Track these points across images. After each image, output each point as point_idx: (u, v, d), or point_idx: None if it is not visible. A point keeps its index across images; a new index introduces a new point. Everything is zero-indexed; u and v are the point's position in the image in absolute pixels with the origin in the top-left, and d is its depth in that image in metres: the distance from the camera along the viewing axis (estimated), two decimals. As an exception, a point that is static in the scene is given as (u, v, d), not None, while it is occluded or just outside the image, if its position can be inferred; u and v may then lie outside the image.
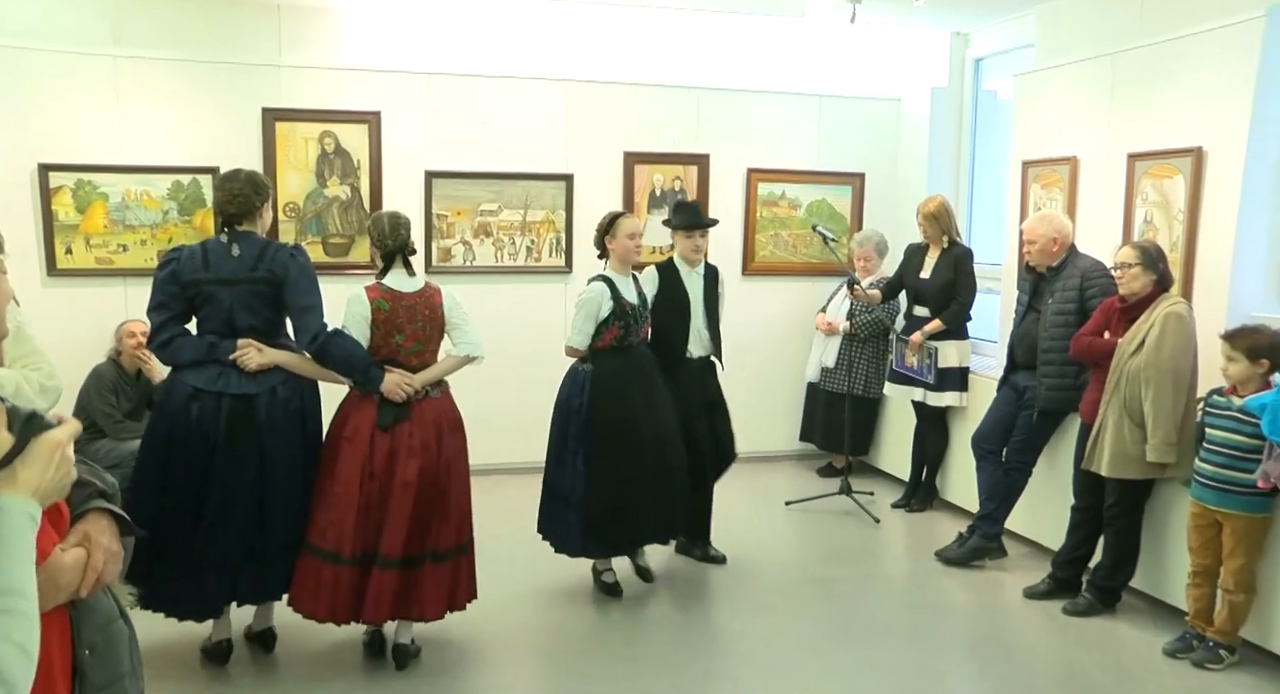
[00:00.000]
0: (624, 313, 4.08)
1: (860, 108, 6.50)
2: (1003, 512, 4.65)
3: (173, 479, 3.27)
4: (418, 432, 3.38)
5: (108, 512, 1.47)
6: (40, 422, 1.26)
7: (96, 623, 1.43)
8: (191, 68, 5.36)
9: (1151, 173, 4.39)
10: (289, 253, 3.39)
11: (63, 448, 1.25)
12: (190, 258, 3.31)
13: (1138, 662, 3.71)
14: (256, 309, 3.36)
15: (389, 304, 3.42)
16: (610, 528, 4.07)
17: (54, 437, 1.25)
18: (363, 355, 3.36)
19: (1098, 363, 4.04)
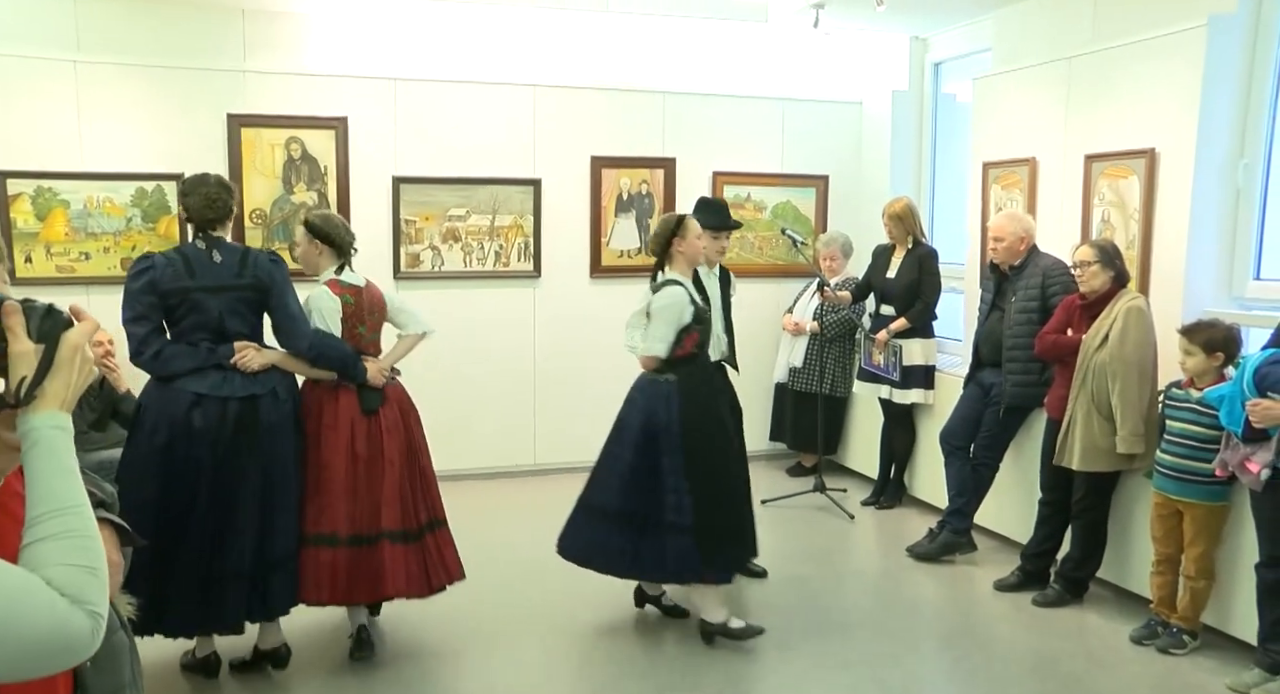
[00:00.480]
0: (703, 317, 3.86)
1: (823, 111, 6.59)
2: (972, 506, 4.75)
3: (175, 491, 3.22)
4: (389, 413, 3.60)
5: (108, 521, 1.47)
6: (59, 318, 1.15)
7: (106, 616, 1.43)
8: (155, 73, 5.28)
9: (1108, 173, 4.52)
10: (269, 259, 3.43)
11: (83, 349, 1.15)
12: (168, 265, 3.25)
13: (1106, 649, 3.81)
14: (244, 315, 3.38)
15: (354, 299, 3.61)
16: (731, 550, 3.85)
17: (73, 339, 1.14)
18: (351, 350, 3.54)
19: (1063, 360, 4.15)
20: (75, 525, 1.05)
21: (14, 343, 1.09)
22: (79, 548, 1.04)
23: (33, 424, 1.08)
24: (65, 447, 1.10)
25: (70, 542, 1.04)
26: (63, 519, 1.05)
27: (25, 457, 1.08)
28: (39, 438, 1.08)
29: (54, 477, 1.07)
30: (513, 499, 5.76)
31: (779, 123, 6.53)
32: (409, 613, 3.97)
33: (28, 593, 0.96)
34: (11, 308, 1.09)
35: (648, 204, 6.31)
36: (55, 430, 1.10)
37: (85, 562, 1.03)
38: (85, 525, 1.06)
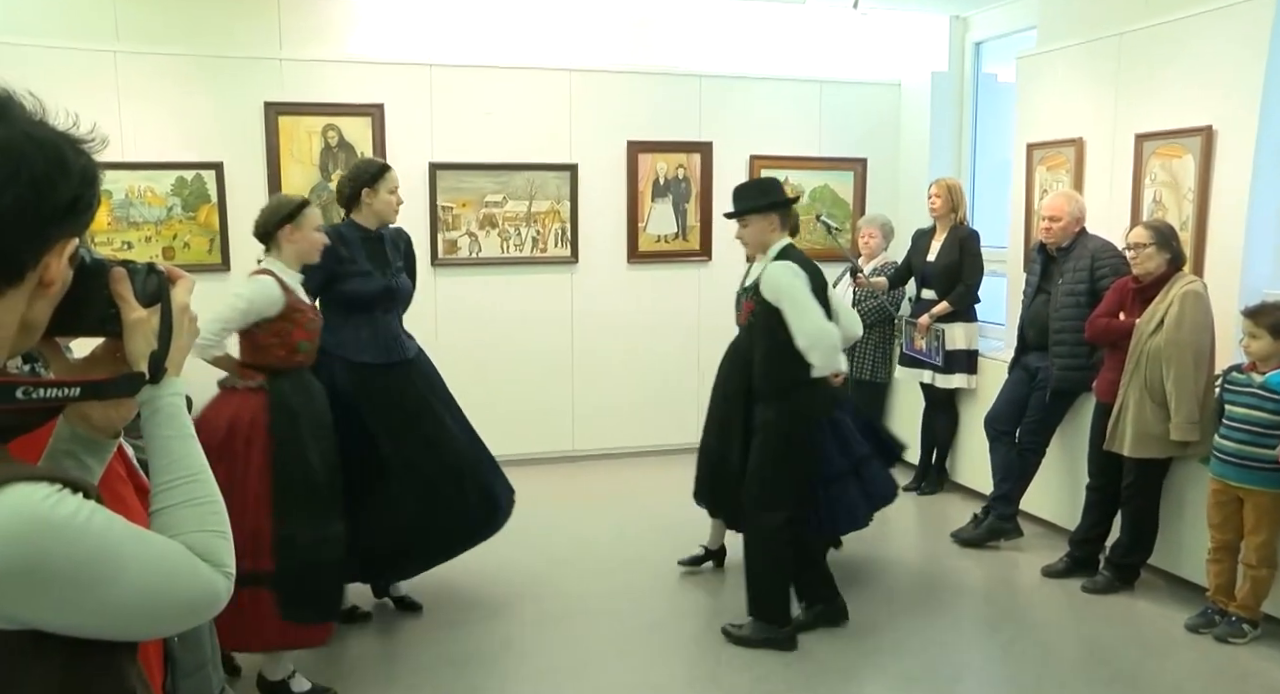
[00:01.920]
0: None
1: (861, 93, 6.50)
2: (1018, 492, 4.69)
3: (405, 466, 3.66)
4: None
5: None
6: (163, 276, 1.12)
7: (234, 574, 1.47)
8: (193, 62, 5.30)
9: (1160, 153, 4.42)
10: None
11: (188, 308, 1.14)
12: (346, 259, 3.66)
13: (1159, 636, 3.75)
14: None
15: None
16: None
17: (181, 299, 1.12)
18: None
19: (1115, 344, 4.07)
20: (202, 492, 1.08)
21: (127, 311, 1.07)
22: (210, 513, 1.07)
23: (154, 393, 1.08)
24: (184, 411, 1.11)
25: (202, 508, 1.07)
26: (190, 486, 1.07)
27: (146, 424, 1.08)
28: (160, 405, 1.09)
29: (177, 443, 1.08)
30: (550, 486, 5.76)
31: (816, 105, 6.45)
32: (443, 597, 3.98)
33: (178, 561, 1.00)
34: (120, 274, 1.07)
35: (685, 189, 6.26)
36: (173, 397, 1.10)
37: (215, 526, 1.07)
38: (211, 491, 1.09)
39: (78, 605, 0.92)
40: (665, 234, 6.27)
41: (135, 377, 1.07)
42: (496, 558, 4.49)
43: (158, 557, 0.99)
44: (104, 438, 1.15)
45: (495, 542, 4.66)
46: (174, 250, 5.34)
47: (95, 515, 0.93)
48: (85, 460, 1.14)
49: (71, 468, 1.12)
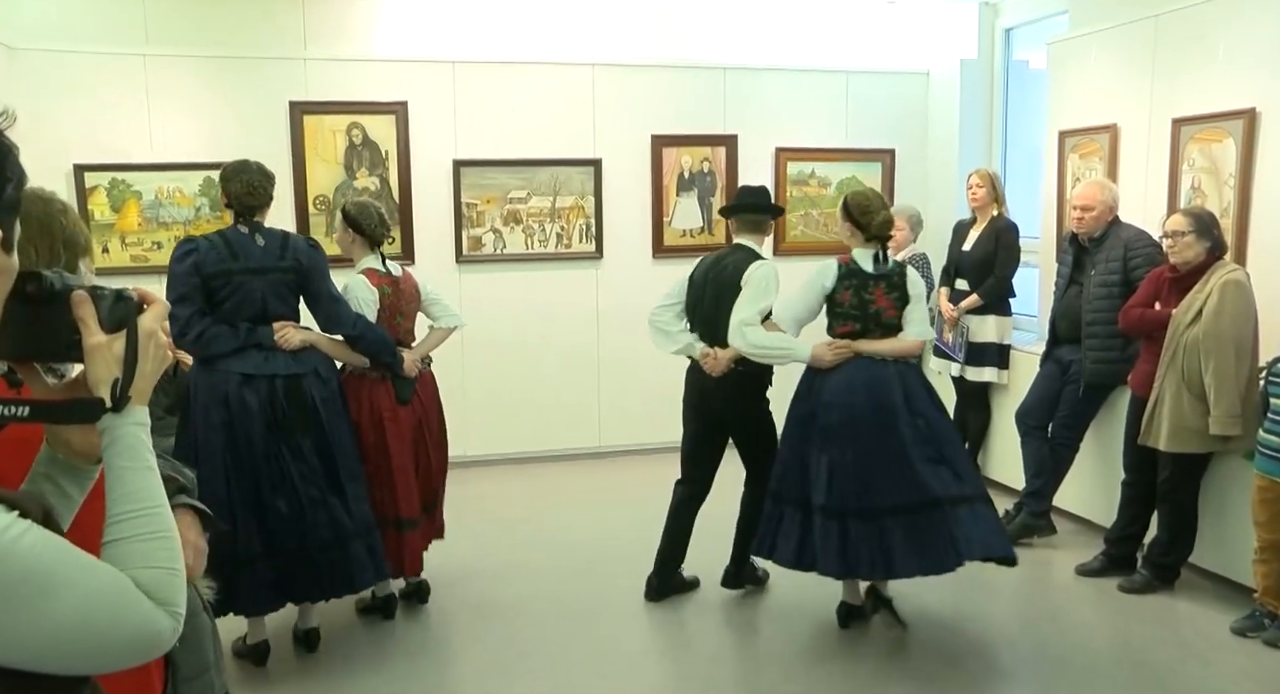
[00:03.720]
0: None
1: (888, 82, 6.40)
2: (1050, 488, 4.59)
3: (242, 469, 3.26)
4: (422, 403, 3.80)
5: (190, 506, 1.47)
6: (131, 303, 1.08)
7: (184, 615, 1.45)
8: (220, 63, 5.35)
9: (1199, 137, 4.29)
10: (308, 244, 3.49)
11: (155, 335, 1.10)
12: (212, 249, 3.28)
13: (1202, 639, 3.63)
14: (285, 298, 3.41)
15: (390, 290, 3.71)
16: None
17: (148, 325, 1.09)
18: (390, 339, 3.64)
19: (1150, 335, 3.96)
20: (158, 526, 1.04)
21: (88, 336, 1.05)
22: (162, 549, 1.03)
23: (114, 422, 1.05)
24: (146, 443, 1.08)
25: (154, 543, 1.03)
26: (146, 519, 1.03)
27: (105, 453, 1.05)
28: (119, 435, 1.05)
29: (133, 475, 1.05)
30: (575, 482, 5.75)
31: (843, 95, 6.36)
32: (466, 592, 3.98)
33: (122, 596, 0.96)
34: (80, 298, 1.05)
35: (709, 182, 6.20)
36: (135, 427, 1.07)
37: (167, 563, 1.03)
38: (166, 525, 1.05)
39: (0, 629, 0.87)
40: (690, 228, 6.21)
41: (93, 403, 1.04)
42: (517, 554, 4.49)
43: (98, 588, 0.94)
44: (85, 464, 1.12)
45: (517, 539, 4.68)
46: (201, 250, 5.38)
47: (27, 535, 0.88)
48: (64, 486, 1.12)
49: (50, 493, 1.10)
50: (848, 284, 3.59)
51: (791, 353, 3.56)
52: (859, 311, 3.58)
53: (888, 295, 3.59)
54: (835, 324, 3.63)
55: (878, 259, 3.62)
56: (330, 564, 3.34)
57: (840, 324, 3.62)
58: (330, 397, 3.45)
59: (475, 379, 5.87)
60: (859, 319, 3.58)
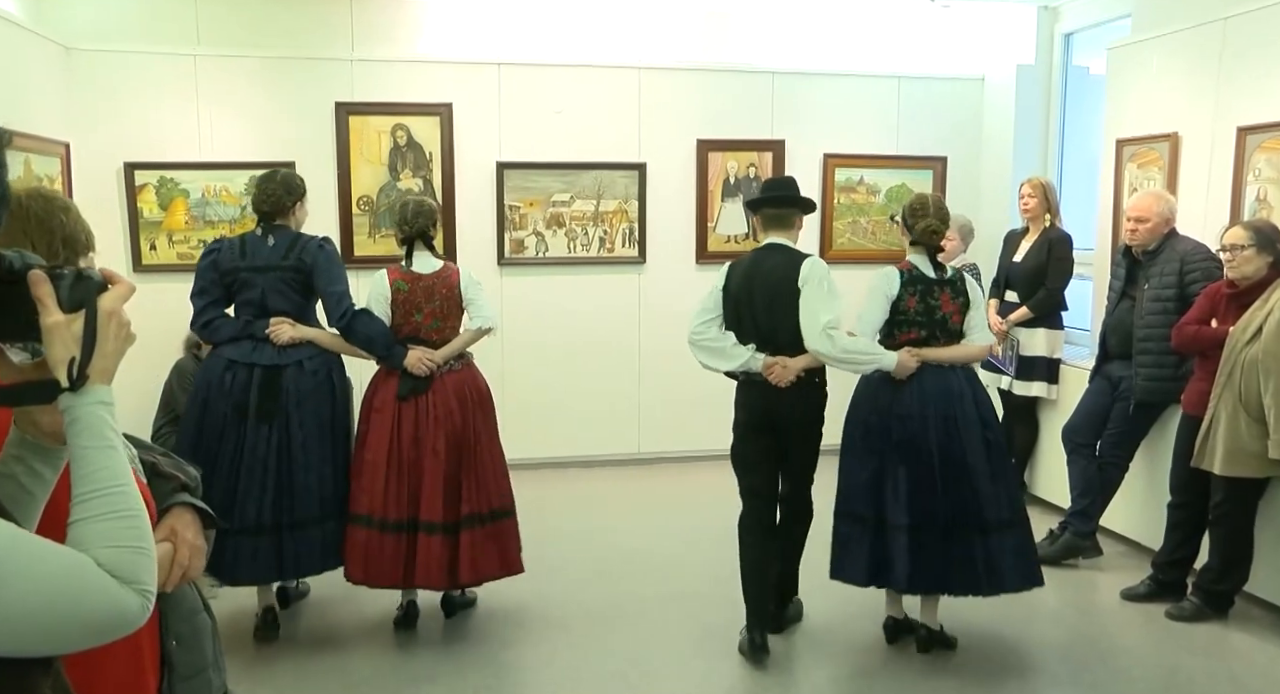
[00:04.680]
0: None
1: (941, 88, 6.26)
2: (1097, 508, 4.42)
3: (205, 444, 3.50)
4: (441, 402, 3.63)
5: (191, 506, 1.47)
6: (92, 283, 1.08)
7: (182, 615, 1.45)
8: (268, 64, 5.44)
9: (1265, 146, 4.10)
10: (318, 244, 3.68)
11: (117, 315, 1.09)
12: (229, 249, 3.66)
13: (1256, 674, 3.45)
14: (286, 294, 3.65)
15: (408, 285, 3.69)
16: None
17: (108, 305, 1.08)
18: (386, 331, 3.64)
19: (1204, 353, 3.79)
20: (120, 505, 1.04)
21: (45, 315, 1.05)
22: (126, 527, 1.03)
23: (74, 401, 1.05)
24: (107, 422, 1.07)
25: (119, 522, 1.03)
26: (107, 499, 1.03)
27: (67, 433, 1.06)
28: (79, 415, 1.05)
29: (96, 454, 1.05)
30: (614, 488, 5.71)
31: (894, 101, 6.24)
32: (501, 596, 3.97)
33: (81, 577, 0.96)
34: (38, 277, 1.04)
35: (756, 188, 6.12)
36: (96, 406, 1.06)
37: (132, 541, 1.02)
38: (130, 504, 1.05)
39: None
40: (735, 234, 6.15)
41: (47, 384, 1.04)
42: (553, 559, 4.46)
43: (54, 570, 0.94)
44: (54, 444, 1.12)
45: (553, 543, 4.66)
46: (248, 248, 5.48)
47: None
48: (36, 467, 1.12)
49: (22, 474, 1.11)
50: (912, 290, 3.48)
51: (879, 360, 3.42)
52: (925, 317, 3.47)
53: (954, 301, 3.51)
54: (899, 331, 3.50)
55: (937, 265, 3.53)
56: (255, 549, 3.50)
57: (905, 331, 3.50)
58: (314, 389, 3.62)
59: (515, 383, 5.87)
60: (925, 326, 3.48)
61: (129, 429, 1.61)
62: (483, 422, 3.73)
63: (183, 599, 1.46)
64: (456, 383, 3.70)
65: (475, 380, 3.77)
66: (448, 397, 3.65)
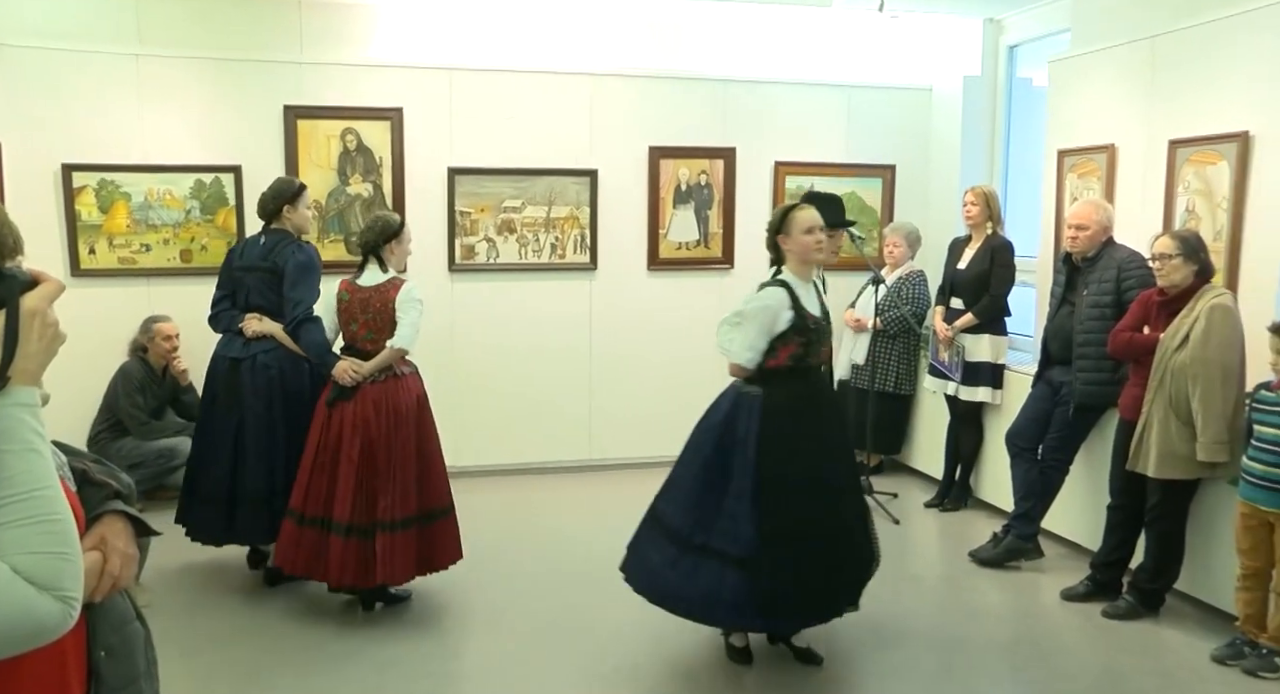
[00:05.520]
0: (805, 327, 3.35)
1: (890, 98, 6.36)
2: (1039, 510, 4.51)
3: (203, 427, 4.19)
4: (360, 412, 3.75)
5: (123, 514, 1.44)
6: (14, 282, 1.07)
7: (112, 625, 1.42)
8: (214, 65, 5.35)
9: (1194, 159, 4.23)
10: (294, 249, 4.04)
11: (42, 314, 1.07)
12: (237, 249, 4.29)
13: (1183, 668, 3.56)
14: (264, 293, 4.09)
15: (349, 296, 3.85)
16: (788, 599, 3.28)
17: (31, 304, 1.07)
18: (322, 342, 3.86)
19: (1138, 359, 3.89)
20: (41, 510, 1.01)
21: None
22: (47, 533, 1.00)
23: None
24: (28, 425, 1.04)
25: (38, 527, 1.00)
26: (26, 503, 1.00)
27: None
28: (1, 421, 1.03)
29: (14, 458, 1.02)
30: (566, 495, 5.70)
31: (844, 110, 6.32)
32: (453, 604, 3.94)
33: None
34: None
35: (707, 195, 6.17)
36: (17, 408, 1.03)
37: (53, 548, 1.00)
38: (52, 508, 1.02)
39: None
40: (687, 241, 6.18)
41: None
42: (502, 566, 4.45)
43: None
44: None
45: (502, 549, 4.64)
46: (191, 253, 5.39)
47: None
48: None
49: None
50: None
51: None
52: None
53: None
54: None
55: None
56: (213, 516, 4.06)
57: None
58: (265, 384, 4.01)
59: (466, 390, 5.84)
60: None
61: (66, 435, 1.58)
62: (407, 432, 3.76)
63: (113, 609, 1.42)
64: (377, 394, 3.75)
65: (399, 393, 3.79)
66: (366, 407, 3.73)
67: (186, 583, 4.20)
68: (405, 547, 3.71)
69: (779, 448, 3.27)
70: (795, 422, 3.33)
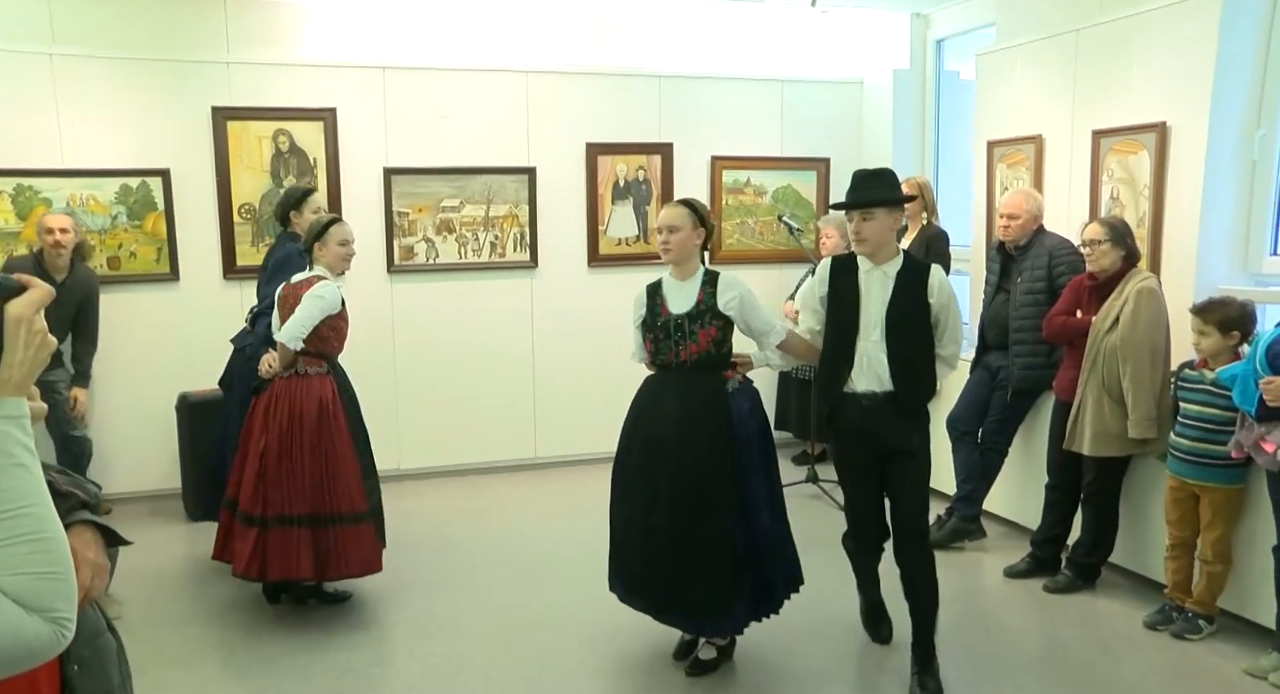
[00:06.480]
0: (654, 323, 3.30)
1: (823, 92, 6.46)
2: (980, 492, 4.65)
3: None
4: (268, 404, 3.82)
5: (92, 524, 1.40)
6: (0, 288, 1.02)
7: (84, 637, 1.38)
8: (135, 66, 5.18)
9: (1116, 149, 4.39)
10: (276, 248, 4.40)
11: (28, 322, 1.03)
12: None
13: (1118, 636, 3.72)
14: (261, 289, 4.40)
15: (283, 292, 3.90)
16: (620, 573, 3.47)
17: (16, 311, 1.02)
18: (261, 333, 4.08)
19: (1072, 342, 4.04)
20: (28, 528, 0.97)
21: None
22: (35, 552, 0.97)
23: None
24: (15, 438, 1.00)
25: (25, 547, 0.96)
26: (14, 521, 0.97)
27: None
28: None
29: (2, 475, 0.98)
30: (512, 494, 5.68)
31: (778, 104, 6.41)
32: (403, 608, 3.90)
33: None
34: None
35: (645, 191, 6.19)
36: (2, 421, 0.99)
37: (42, 567, 0.97)
38: (41, 526, 0.99)
39: None
40: (626, 237, 6.20)
41: None
42: (454, 568, 4.42)
43: None
44: None
45: (454, 551, 4.61)
46: (120, 260, 5.22)
47: None
48: None
49: None
50: None
51: None
52: None
53: None
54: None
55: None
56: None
57: None
58: (250, 374, 4.05)
59: (408, 391, 5.78)
60: None
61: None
62: (303, 433, 3.75)
63: (84, 622, 1.38)
64: (280, 391, 3.80)
65: (300, 393, 3.78)
66: (272, 401, 3.82)
67: (157, 593, 4.10)
68: (297, 544, 3.71)
69: (624, 439, 3.42)
70: (636, 418, 3.39)
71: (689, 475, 3.22)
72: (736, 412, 3.29)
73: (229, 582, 4.16)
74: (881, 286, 3.21)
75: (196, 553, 4.72)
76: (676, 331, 3.27)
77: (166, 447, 5.28)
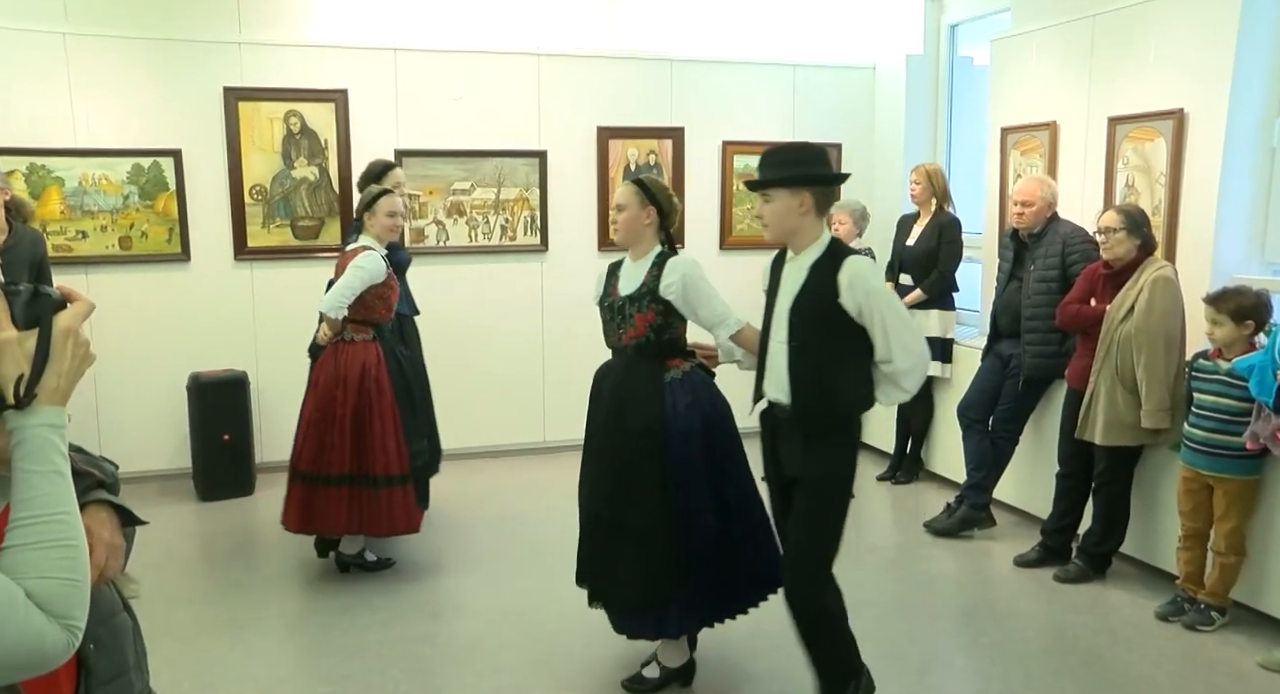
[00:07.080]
0: (604, 304, 3.19)
1: (835, 77, 6.42)
2: (991, 480, 4.65)
3: None
4: (320, 369, 4.02)
5: (108, 504, 1.41)
6: (48, 301, 1.06)
7: (99, 617, 1.37)
8: (148, 46, 5.17)
9: (1132, 136, 4.36)
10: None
11: (74, 333, 1.07)
12: None
13: (1129, 625, 3.71)
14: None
15: (340, 261, 4.04)
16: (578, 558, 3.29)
17: (65, 323, 1.06)
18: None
19: (1085, 330, 4.02)
20: (60, 534, 1.00)
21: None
22: (62, 558, 0.99)
23: (21, 422, 1.01)
24: (55, 446, 1.03)
25: (54, 552, 0.99)
26: (47, 526, 1.00)
27: (12, 454, 1.01)
28: (26, 437, 1.01)
29: (39, 479, 1.01)
30: (521, 477, 5.69)
31: (789, 89, 6.37)
32: (413, 590, 3.92)
33: (9, 606, 0.93)
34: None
35: (656, 175, 6.15)
36: (45, 428, 1.02)
37: (67, 574, 0.99)
38: (67, 533, 1.01)
39: None
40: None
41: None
42: (463, 550, 4.43)
43: None
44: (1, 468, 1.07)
45: (463, 534, 4.63)
46: (131, 240, 5.22)
47: None
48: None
49: None
50: None
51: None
52: None
53: None
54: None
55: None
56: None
57: None
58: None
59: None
60: None
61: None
62: (344, 395, 3.94)
63: (100, 602, 1.39)
64: (328, 357, 4.01)
65: (345, 358, 3.97)
66: (323, 366, 4.01)
67: (168, 572, 4.12)
68: (336, 503, 3.92)
69: (586, 423, 3.27)
70: (590, 402, 3.26)
71: (617, 466, 3.04)
72: (670, 404, 3.00)
73: (238, 562, 4.18)
74: (793, 280, 2.75)
75: (206, 532, 4.75)
76: (618, 314, 3.08)
77: (177, 426, 5.30)
